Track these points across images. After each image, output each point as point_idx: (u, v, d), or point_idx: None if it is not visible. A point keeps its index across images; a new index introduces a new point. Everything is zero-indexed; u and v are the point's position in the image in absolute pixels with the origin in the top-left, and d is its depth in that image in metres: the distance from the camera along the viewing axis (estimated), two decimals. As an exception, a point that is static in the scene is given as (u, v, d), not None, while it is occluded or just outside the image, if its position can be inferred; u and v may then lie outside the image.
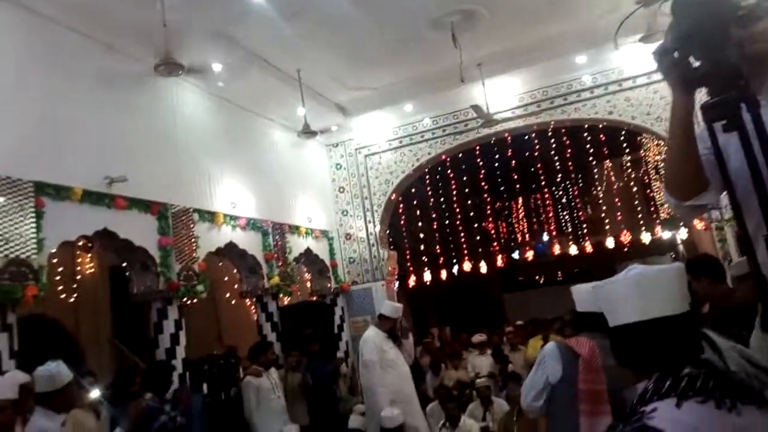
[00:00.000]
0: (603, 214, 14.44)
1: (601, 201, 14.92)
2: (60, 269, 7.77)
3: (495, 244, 15.05)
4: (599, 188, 14.98)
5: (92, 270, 8.89)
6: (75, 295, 8.50)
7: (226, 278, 8.89)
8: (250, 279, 7.39)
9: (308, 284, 9.12)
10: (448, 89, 7.95)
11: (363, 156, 9.43)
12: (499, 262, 14.62)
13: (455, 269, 14.01)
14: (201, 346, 7.83)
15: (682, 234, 13.62)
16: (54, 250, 4.82)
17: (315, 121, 7.65)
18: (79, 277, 8.68)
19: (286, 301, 8.16)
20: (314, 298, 8.85)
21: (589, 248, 14.02)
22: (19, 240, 4.39)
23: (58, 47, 5.17)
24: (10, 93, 4.64)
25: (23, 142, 4.65)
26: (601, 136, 10.32)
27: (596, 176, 15.09)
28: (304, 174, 8.82)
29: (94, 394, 4.42)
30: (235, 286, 7.90)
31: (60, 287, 7.93)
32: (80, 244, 7.39)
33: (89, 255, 8.75)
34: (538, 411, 2.63)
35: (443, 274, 13.76)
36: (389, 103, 8.54)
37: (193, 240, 6.19)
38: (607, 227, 14.02)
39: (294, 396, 6.24)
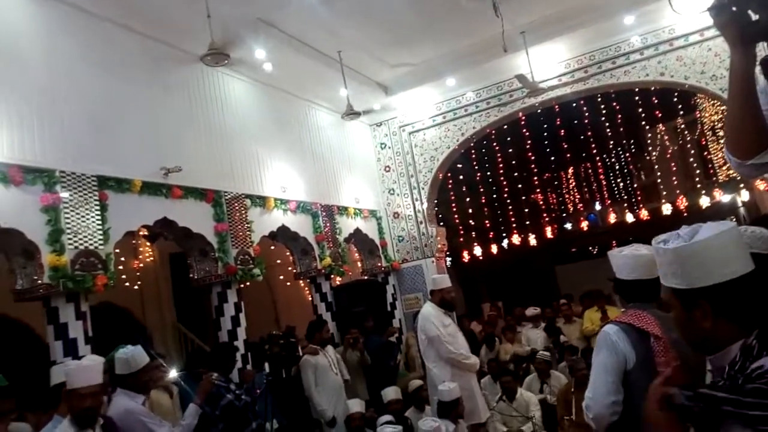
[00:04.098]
0: (658, 180, 13.94)
1: (656, 167, 14.39)
2: (123, 259, 8.14)
3: (544, 215, 14.79)
4: (653, 153, 14.44)
5: (153, 258, 9.27)
6: (139, 282, 8.90)
7: (279, 261, 9.10)
8: (303, 261, 7.56)
9: (359, 264, 9.24)
10: (490, 60, 7.80)
11: (407, 134, 9.39)
12: (549, 233, 14.37)
13: (505, 243, 13.88)
14: (259, 327, 8.08)
15: (744, 196, 13.02)
16: (119, 239, 5.05)
17: (357, 102, 7.67)
18: (141, 265, 9.07)
19: (338, 281, 8.31)
20: (365, 278, 8.97)
21: (645, 216, 13.56)
22: (87, 232, 4.63)
23: (110, 45, 5.36)
24: (69, 92, 4.86)
25: (84, 138, 4.87)
26: (653, 99, 9.93)
27: (649, 141, 14.55)
28: (349, 155, 8.88)
29: (170, 375, 4.66)
30: (289, 269, 8.08)
31: (124, 276, 8.32)
32: (143, 233, 7.73)
33: (149, 244, 9.11)
34: (620, 405, 2.24)
35: (493, 249, 13.67)
36: (431, 78, 8.44)
37: (247, 225, 6.37)
38: (663, 193, 13.53)
39: (354, 373, 6.38)
